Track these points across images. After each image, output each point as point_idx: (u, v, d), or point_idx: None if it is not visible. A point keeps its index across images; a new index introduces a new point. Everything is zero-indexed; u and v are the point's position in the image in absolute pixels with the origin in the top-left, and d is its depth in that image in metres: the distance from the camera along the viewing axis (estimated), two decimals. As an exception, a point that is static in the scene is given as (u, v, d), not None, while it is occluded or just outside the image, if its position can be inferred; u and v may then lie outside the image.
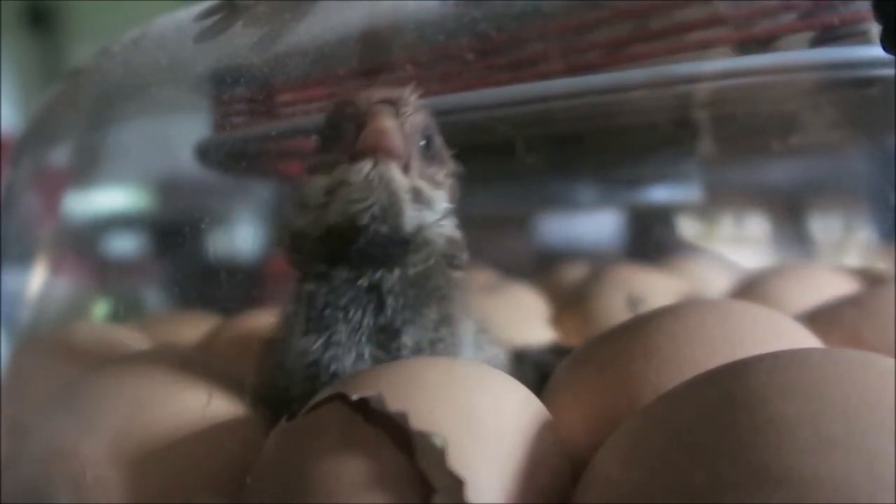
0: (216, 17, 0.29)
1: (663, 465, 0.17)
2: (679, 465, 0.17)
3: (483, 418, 0.21)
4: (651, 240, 0.46)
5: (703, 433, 0.17)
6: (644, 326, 0.27)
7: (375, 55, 0.27)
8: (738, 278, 0.46)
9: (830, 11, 0.27)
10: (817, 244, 0.46)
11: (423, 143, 0.26)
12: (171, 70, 0.31)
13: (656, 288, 0.48)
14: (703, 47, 0.28)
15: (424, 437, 0.20)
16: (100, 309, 0.45)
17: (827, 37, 0.27)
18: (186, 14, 0.32)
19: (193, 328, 0.43)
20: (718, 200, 0.46)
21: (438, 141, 0.27)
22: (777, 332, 0.27)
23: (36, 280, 0.43)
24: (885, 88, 0.28)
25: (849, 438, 0.16)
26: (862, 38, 0.21)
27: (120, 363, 0.31)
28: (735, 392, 0.18)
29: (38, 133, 0.43)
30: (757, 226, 0.47)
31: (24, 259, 0.43)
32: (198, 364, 0.29)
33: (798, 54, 0.28)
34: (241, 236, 0.45)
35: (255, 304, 0.39)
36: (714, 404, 0.18)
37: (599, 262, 0.53)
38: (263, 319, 0.31)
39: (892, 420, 0.17)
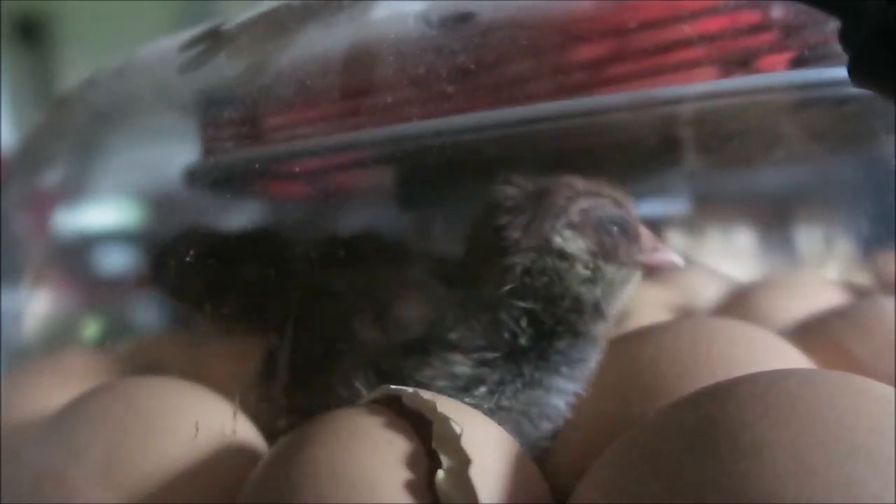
0: (200, 48, 0.29)
1: (645, 495, 0.17)
2: (660, 495, 0.17)
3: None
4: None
5: (683, 461, 0.17)
6: (628, 348, 0.27)
7: (359, 79, 0.27)
8: (727, 289, 0.46)
9: (807, 32, 0.27)
10: (804, 255, 0.47)
11: None
12: (155, 99, 0.31)
13: (648, 299, 0.48)
14: (685, 68, 0.28)
15: (444, 421, 0.21)
16: (90, 330, 0.45)
17: (805, 57, 0.27)
18: (170, 43, 0.32)
19: (184, 350, 0.43)
20: (705, 213, 0.46)
21: None
22: (762, 350, 0.27)
23: (25, 301, 0.43)
24: (860, 105, 0.29)
25: (828, 465, 0.16)
26: (839, 58, 0.21)
27: (109, 388, 0.31)
28: (715, 417, 0.18)
29: (26, 161, 0.43)
30: (744, 237, 0.48)
31: (14, 280, 0.43)
32: (187, 388, 0.29)
33: (777, 76, 0.28)
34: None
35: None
36: (694, 430, 0.18)
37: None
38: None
39: (870, 445, 0.17)
